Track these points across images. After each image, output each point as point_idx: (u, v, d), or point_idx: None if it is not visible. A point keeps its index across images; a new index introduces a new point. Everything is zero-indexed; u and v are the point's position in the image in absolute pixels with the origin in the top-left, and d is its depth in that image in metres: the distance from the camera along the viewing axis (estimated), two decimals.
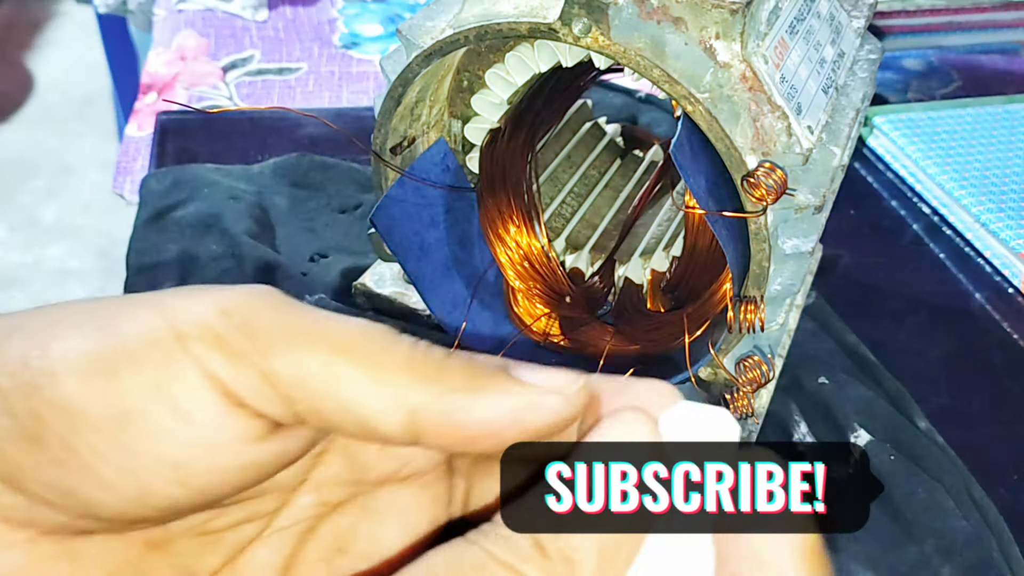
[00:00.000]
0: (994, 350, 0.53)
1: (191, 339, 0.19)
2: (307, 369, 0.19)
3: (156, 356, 0.19)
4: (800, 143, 0.34)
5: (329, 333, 0.20)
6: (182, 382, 0.19)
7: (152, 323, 0.20)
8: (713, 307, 0.42)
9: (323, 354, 0.20)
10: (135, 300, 0.21)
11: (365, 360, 0.20)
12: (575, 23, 0.34)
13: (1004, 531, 0.41)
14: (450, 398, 0.20)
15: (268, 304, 0.20)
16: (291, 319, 0.20)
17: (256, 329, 0.20)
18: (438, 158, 0.45)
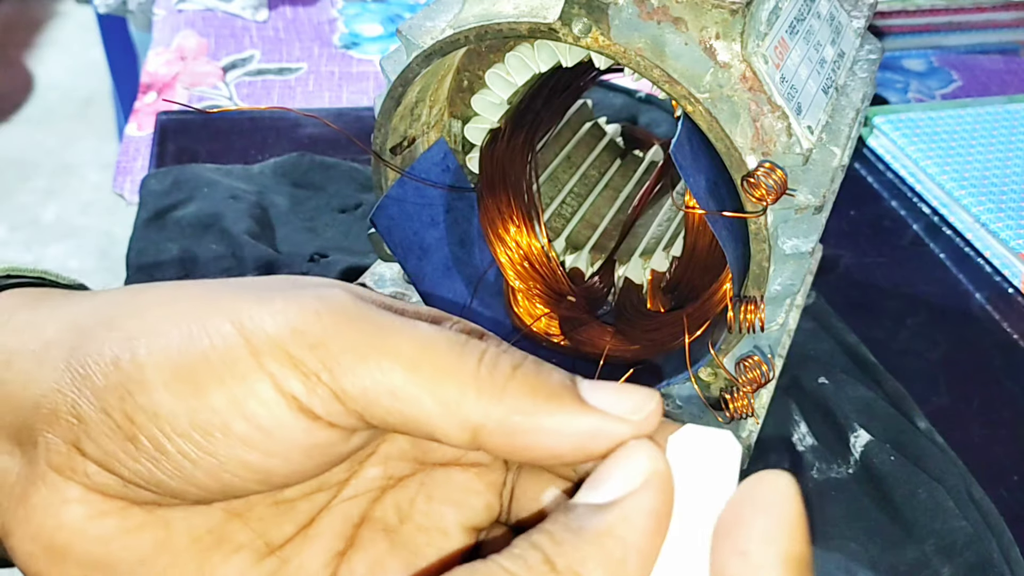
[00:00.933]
0: (994, 350, 0.53)
1: (266, 357, 0.21)
2: (376, 389, 0.21)
3: (236, 373, 0.21)
4: (800, 143, 0.34)
5: (398, 349, 0.21)
6: (260, 400, 0.21)
7: (231, 340, 0.21)
8: (713, 307, 0.42)
9: (391, 373, 0.21)
10: (214, 306, 0.22)
11: (431, 379, 0.21)
12: (575, 23, 0.34)
13: (1004, 531, 0.41)
14: (512, 420, 0.21)
15: (340, 318, 0.22)
16: (361, 334, 0.21)
17: (327, 348, 0.21)
18: (438, 158, 0.45)
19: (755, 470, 0.45)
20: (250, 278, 0.24)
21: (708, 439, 0.21)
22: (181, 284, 0.24)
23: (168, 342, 0.22)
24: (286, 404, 0.21)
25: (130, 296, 0.24)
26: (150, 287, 0.24)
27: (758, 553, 0.20)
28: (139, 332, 0.22)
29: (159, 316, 0.22)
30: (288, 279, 0.24)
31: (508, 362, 0.21)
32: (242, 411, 0.21)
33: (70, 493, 0.23)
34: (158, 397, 0.21)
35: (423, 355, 0.21)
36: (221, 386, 0.21)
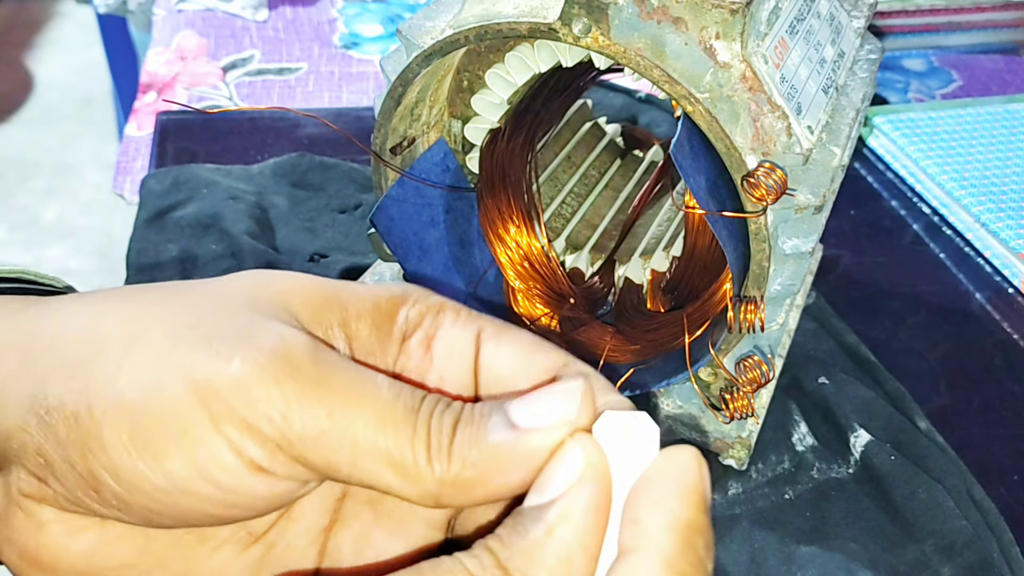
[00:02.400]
0: (994, 350, 0.53)
1: (223, 423, 0.22)
2: (335, 458, 0.22)
3: (194, 439, 0.22)
4: (800, 143, 0.34)
5: (355, 419, 0.22)
6: (220, 465, 0.22)
7: (186, 404, 0.22)
8: (713, 307, 0.42)
9: (349, 448, 0.22)
10: (170, 360, 0.22)
11: (387, 453, 0.22)
12: (575, 23, 0.34)
13: (1004, 531, 0.41)
14: (464, 477, 0.22)
15: (297, 381, 0.22)
16: (318, 402, 0.22)
17: (284, 417, 0.22)
18: (438, 158, 0.45)
19: (756, 470, 0.45)
20: (213, 309, 0.24)
21: (628, 422, 0.22)
22: (142, 317, 0.24)
23: (124, 399, 0.22)
24: (246, 467, 0.22)
25: (88, 329, 0.24)
26: (108, 314, 0.24)
27: (646, 520, 0.21)
28: (97, 385, 0.22)
29: (115, 365, 0.22)
30: (251, 314, 0.23)
31: (449, 422, 0.22)
32: (203, 475, 0.22)
33: (45, 516, 0.24)
34: (118, 459, 0.22)
35: (380, 429, 0.22)
36: (180, 452, 0.22)
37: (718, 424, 0.43)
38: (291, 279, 0.25)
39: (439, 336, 0.25)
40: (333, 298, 0.25)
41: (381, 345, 0.25)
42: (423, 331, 0.25)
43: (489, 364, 0.25)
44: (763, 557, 0.40)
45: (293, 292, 0.25)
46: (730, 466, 0.44)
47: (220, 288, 0.25)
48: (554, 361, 0.24)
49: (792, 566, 0.39)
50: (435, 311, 0.26)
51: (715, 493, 0.42)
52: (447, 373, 0.25)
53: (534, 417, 0.22)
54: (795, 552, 0.40)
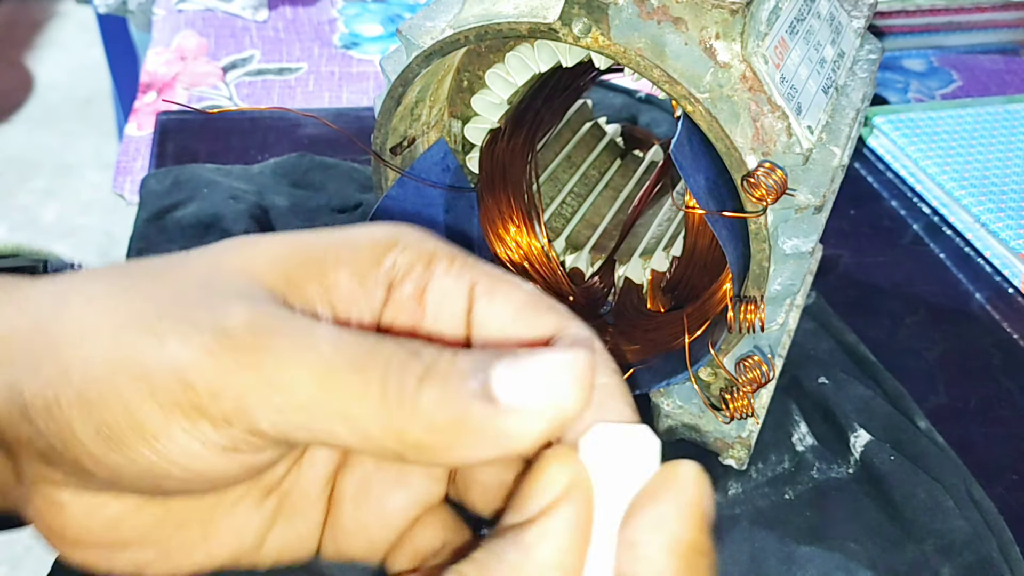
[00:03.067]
0: (994, 350, 0.53)
1: (174, 413, 0.21)
2: (287, 425, 0.21)
3: (152, 431, 0.22)
4: (800, 143, 0.34)
5: (298, 382, 0.21)
6: (183, 450, 0.22)
7: (138, 399, 0.21)
8: (713, 307, 0.42)
9: (297, 412, 0.21)
10: (120, 352, 0.22)
11: (338, 412, 0.21)
12: (575, 23, 0.34)
13: (1004, 531, 0.41)
14: (428, 439, 0.20)
15: (238, 354, 0.21)
16: (259, 373, 0.21)
17: (227, 396, 0.21)
18: (438, 158, 0.45)
19: (756, 469, 0.45)
20: (155, 283, 0.24)
21: (624, 436, 0.20)
22: (102, 304, 0.23)
23: (84, 393, 0.22)
24: (208, 449, 0.22)
25: (53, 319, 0.24)
26: (72, 303, 0.24)
27: (645, 542, 0.20)
28: (59, 378, 0.22)
29: (72, 357, 0.22)
30: (203, 290, 0.23)
31: (414, 374, 0.20)
32: (170, 461, 0.22)
33: (62, 498, 0.24)
34: (94, 450, 0.22)
35: (325, 384, 0.21)
36: (142, 444, 0.22)
37: (718, 424, 0.43)
38: (257, 243, 0.24)
39: (431, 286, 0.24)
40: (305, 252, 0.24)
41: (365, 293, 0.24)
42: (413, 281, 0.24)
43: (481, 321, 0.24)
44: (763, 557, 0.40)
45: (257, 257, 0.24)
46: (730, 466, 0.44)
47: (178, 266, 0.24)
48: (551, 323, 0.23)
49: (792, 566, 0.40)
50: (427, 259, 0.24)
51: (715, 493, 0.42)
52: (440, 327, 0.24)
53: (519, 392, 0.20)
54: (795, 552, 0.40)
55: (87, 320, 0.23)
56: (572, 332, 0.23)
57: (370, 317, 0.24)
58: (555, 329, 0.23)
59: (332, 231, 0.25)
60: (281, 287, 0.23)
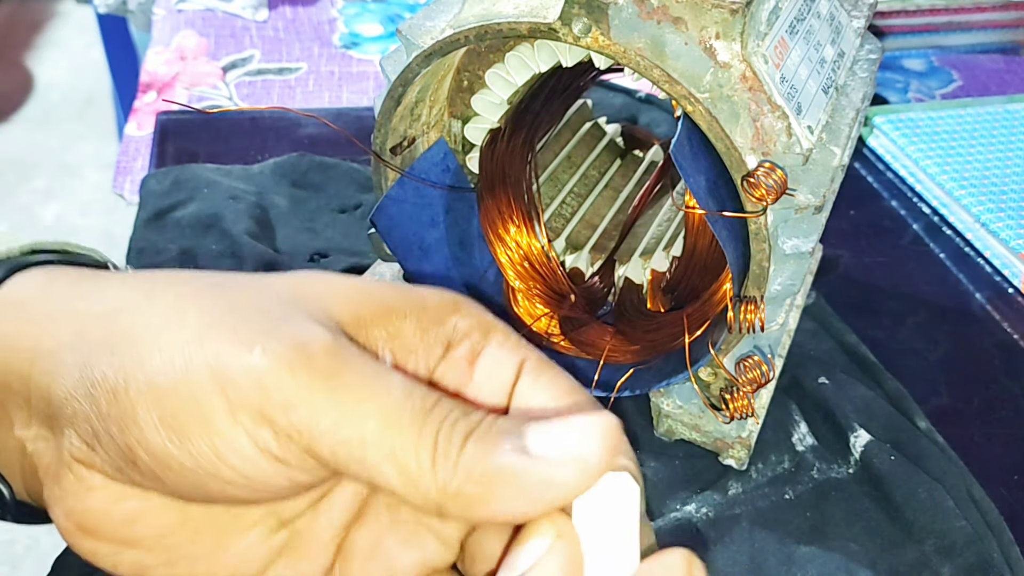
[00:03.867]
0: (994, 350, 0.53)
1: (241, 413, 0.23)
2: (344, 454, 0.23)
3: (215, 427, 0.23)
4: (800, 143, 0.34)
5: (365, 417, 0.22)
6: (238, 452, 0.23)
7: (209, 393, 0.23)
8: (713, 307, 0.42)
9: (357, 444, 0.22)
10: (199, 347, 0.23)
11: (394, 454, 0.22)
12: (575, 23, 0.34)
13: (1004, 531, 0.41)
14: (467, 492, 0.22)
15: (313, 376, 0.23)
16: (331, 398, 0.22)
17: (298, 411, 0.22)
18: (438, 158, 0.45)
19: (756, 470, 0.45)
20: (241, 294, 0.25)
21: (609, 487, 0.22)
22: (181, 304, 0.25)
23: (154, 381, 0.23)
24: (261, 454, 0.23)
25: (133, 311, 0.25)
26: (152, 298, 0.25)
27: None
28: (132, 365, 0.24)
29: (149, 347, 0.24)
30: (283, 308, 0.24)
31: (462, 431, 0.22)
32: (223, 460, 0.23)
33: (94, 481, 0.25)
34: (150, 437, 0.23)
35: (388, 428, 0.22)
36: (202, 437, 0.23)
37: (718, 424, 0.43)
38: (333, 280, 0.26)
39: (485, 354, 0.26)
40: (373, 299, 0.26)
41: (425, 346, 0.26)
42: (469, 345, 0.26)
43: (523, 396, 0.25)
44: (763, 557, 0.40)
45: (332, 292, 0.25)
46: (730, 466, 0.44)
47: (261, 284, 0.26)
48: (585, 410, 0.25)
49: (792, 566, 0.39)
50: (486, 329, 0.26)
51: (715, 493, 0.42)
52: (484, 393, 0.26)
53: (549, 445, 0.22)
54: (795, 552, 0.40)
55: (171, 315, 0.24)
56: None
57: (424, 370, 0.26)
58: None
59: (403, 287, 0.27)
60: (351, 324, 0.25)
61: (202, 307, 0.24)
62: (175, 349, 0.23)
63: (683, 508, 0.42)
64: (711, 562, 0.40)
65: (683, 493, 0.42)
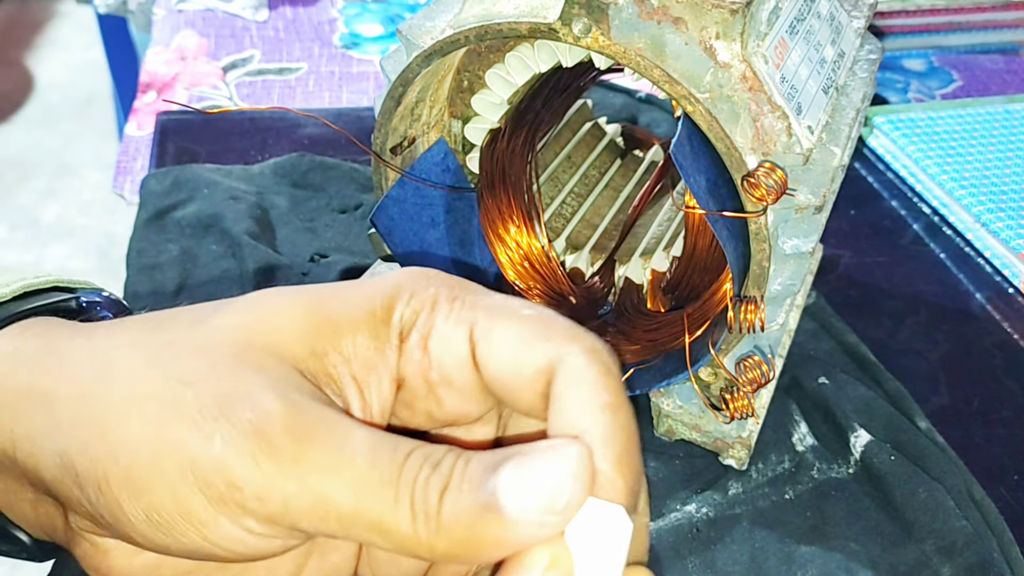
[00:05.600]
0: (994, 350, 0.53)
1: (220, 504, 0.23)
2: (324, 529, 0.23)
3: (199, 519, 0.23)
4: (800, 143, 0.34)
5: (330, 489, 0.22)
6: (229, 536, 0.23)
7: (184, 488, 0.23)
8: (713, 307, 0.42)
9: (331, 522, 0.22)
10: (160, 438, 0.23)
11: (371, 527, 0.22)
12: (575, 23, 0.34)
13: (1004, 531, 0.41)
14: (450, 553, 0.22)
15: (276, 460, 0.22)
16: (297, 480, 0.22)
17: (270, 497, 0.22)
18: (438, 158, 0.45)
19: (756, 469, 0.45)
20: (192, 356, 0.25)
21: (601, 516, 0.22)
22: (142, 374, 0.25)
23: (131, 477, 0.23)
24: (251, 536, 0.23)
25: (93, 392, 0.25)
26: (113, 367, 0.25)
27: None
28: (106, 459, 0.24)
29: (117, 438, 0.24)
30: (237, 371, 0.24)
31: (436, 489, 0.22)
32: (217, 545, 0.23)
33: (107, 544, 0.26)
34: (141, 528, 0.24)
35: (362, 501, 0.22)
36: (191, 527, 0.23)
37: (718, 424, 0.43)
38: (284, 308, 0.25)
39: (433, 334, 0.25)
40: (325, 322, 0.25)
41: (380, 355, 0.25)
42: (418, 330, 0.25)
43: (484, 363, 0.25)
44: (763, 557, 0.40)
45: (283, 329, 0.25)
46: (730, 466, 0.44)
47: (211, 335, 0.25)
48: (547, 355, 0.24)
49: (792, 566, 0.40)
50: (429, 307, 0.26)
51: (715, 493, 0.42)
52: (446, 371, 0.25)
53: (521, 496, 0.21)
54: (795, 552, 0.40)
55: (129, 400, 0.24)
56: (570, 365, 0.24)
57: (388, 377, 0.26)
58: (551, 360, 0.24)
59: (343, 288, 0.26)
60: (307, 361, 0.25)
61: (157, 382, 0.24)
62: (141, 442, 0.23)
63: (683, 508, 0.42)
64: (711, 562, 0.40)
65: (683, 493, 0.42)
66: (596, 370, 0.24)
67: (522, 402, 0.25)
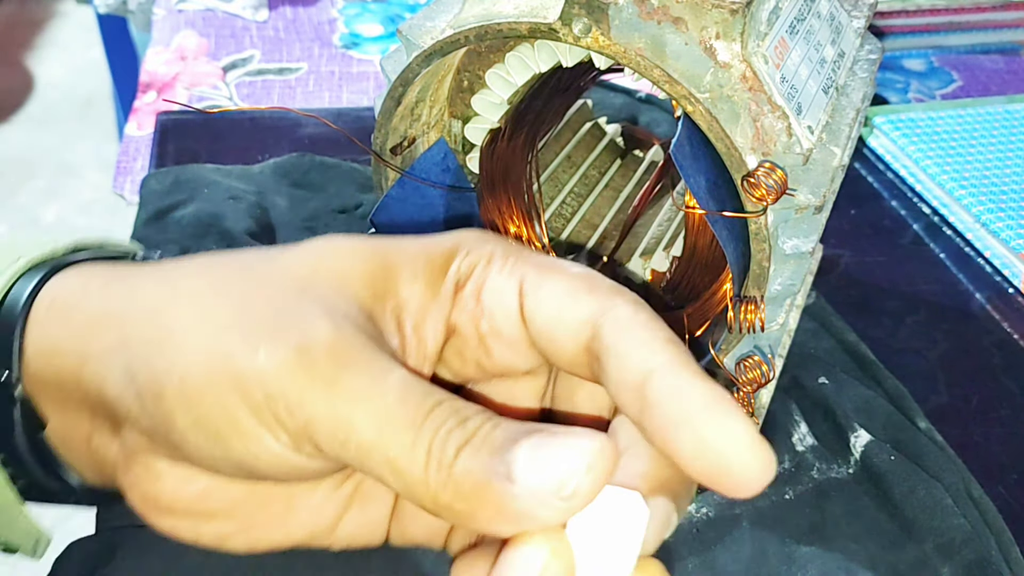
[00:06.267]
0: (994, 350, 0.53)
1: (262, 415, 0.24)
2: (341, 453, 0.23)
3: (244, 428, 0.24)
4: (800, 143, 0.34)
5: (356, 416, 0.23)
6: (270, 450, 0.24)
7: (231, 398, 0.24)
8: (713, 307, 0.42)
9: (351, 443, 0.23)
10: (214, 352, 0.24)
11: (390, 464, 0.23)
12: (575, 23, 0.34)
13: (1003, 530, 0.41)
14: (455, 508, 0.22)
15: (315, 376, 0.23)
16: (332, 398, 0.23)
17: (303, 411, 0.23)
18: (438, 158, 0.45)
19: None
20: (259, 286, 0.26)
21: (608, 503, 0.21)
22: (205, 301, 0.26)
23: (185, 388, 0.24)
24: (290, 451, 0.24)
25: (163, 310, 0.26)
26: (180, 296, 0.26)
27: None
28: (165, 371, 0.25)
29: (177, 352, 0.25)
30: (297, 299, 0.25)
31: (455, 443, 0.22)
32: (260, 458, 0.25)
33: (160, 467, 0.27)
34: (191, 438, 0.25)
35: (383, 435, 0.23)
36: (236, 438, 0.24)
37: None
38: (347, 257, 0.27)
39: (486, 286, 0.26)
40: (387, 268, 0.26)
41: (435, 301, 0.26)
42: (473, 281, 0.27)
43: (531, 316, 0.26)
44: (763, 557, 0.40)
45: (347, 272, 0.26)
46: None
47: (285, 268, 0.26)
48: (591, 308, 0.25)
49: (792, 566, 0.40)
50: (486, 260, 0.27)
51: (715, 493, 0.42)
52: (496, 322, 0.26)
53: (535, 472, 0.21)
54: (795, 552, 0.40)
55: (191, 318, 0.25)
56: (612, 317, 0.25)
57: (440, 323, 0.27)
58: (596, 313, 0.25)
59: (403, 240, 0.27)
60: (368, 300, 0.26)
61: (217, 305, 0.25)
62: (197, 356, 0.24)
63: None
64: (711, 562, 0.40)
65: None
66: (646, 316, 0.25)
67: (565, 354, 0.26)
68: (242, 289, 0.26)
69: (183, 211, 0.56)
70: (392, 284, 0.26)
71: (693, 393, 0.22)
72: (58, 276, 0.29)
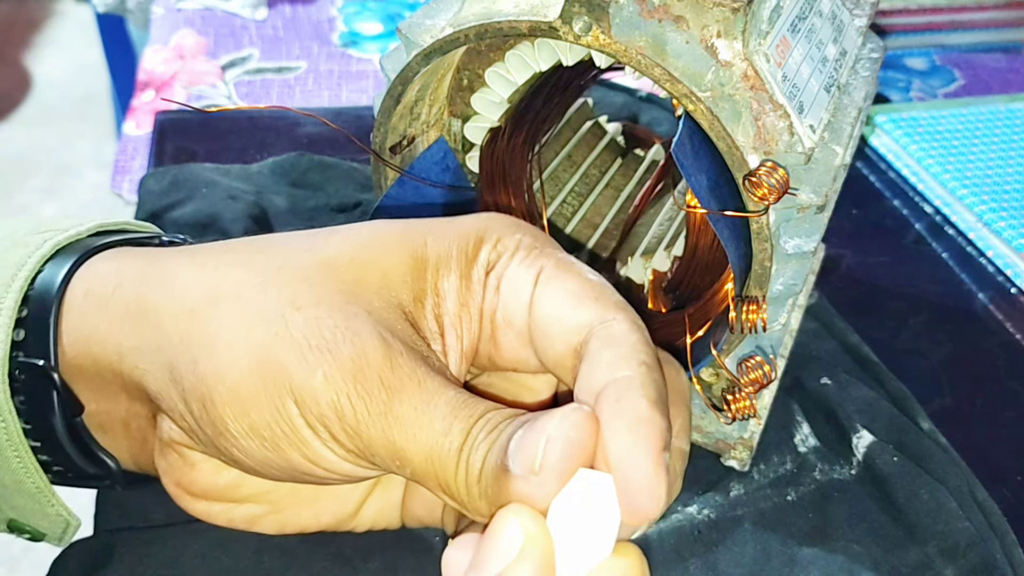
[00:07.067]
0: (997, 350, 0.53)
1: (318, 427, 0.25)
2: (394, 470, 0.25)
3: (303, 437, 0.25)
4: (802, 142, 0.34)
5: (408, 444, 0.24)
6: (322, 457, 0.25)
7: (288, 410, 0.25)
8: (715, 307, 0.41)
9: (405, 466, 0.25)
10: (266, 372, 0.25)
11: (442, 482, 0.24)
12: (576, 21, 0.34)
13: (1007, 532, 0.41)
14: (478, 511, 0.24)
15: (368, 404, 0.24)
16: (380, 423, 0.24)
17: (359, 436, 0.24)
18: (438, 157, 0.45)
19: (758, 471, 0.45)
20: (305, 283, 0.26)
21: (589, 487, 0.22)
22: (250, 297, 0.26)
23: (238, 395, 0.25)
24: (346, 460, 0.25)
25: (201, 308, 0.26)
26: (216, 295, 0.26)
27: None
28: (214, 377, 0.25)
29: (228, 358, 0.25)
30: (346, 307, 0.25)
31: (481, 454, 0.24)
32: (317, 464, 0.26)
33: (195, 457, 0.27)
34: (244, 444, 0.25)
35: (428, 459, 0.24)
36: (293, 446, 0.25)
37: (720, 425, 0.43)
38: (391, 255, 0.27)
39: (506, 276, 0.27)
40: (426, 264, 0.27)
41: (470, 292, 0.27)
42: (496, 272, 0.27)
43: (536, 309, 0.27)
44: (765, 559, 0.40)
45: (391, 273, 0.27)
46: (732, 467, 0.43)
47: (327, 260, 0.27)
48: (591, 314, 0.26)
49: (795, 568, 0.39)
50: (512, 250, 0.28)
51: (717, 495, 0.42)
52: (509, 313, 0.27)
53: (520, 459, 0.23)
54: (797, 554, 0.40)
55: (236, 318, 0.26)
56: (614, 326, 0.25)
57: (476, 313, 0.27)
58: (594, 320, 0.26)
59: (437, 224, 0.29)
60: (410, 301, 0.27)
61: (266, 304, 0.25)
62: (250, 361, 0.25)
63: (684, 509, 0.41)
64: (713, 564, 0.39)
65: (684, 494, 0.42)
66: (637, 337, 0.25)
67: (553, 352, 0.26)
68: (289, 288, 0.26)
69: (181, 210, 0.56)
70: (432, 281, 0.27)
71: (629, 411, 0.23)
72: (91, 261, 0.29)
